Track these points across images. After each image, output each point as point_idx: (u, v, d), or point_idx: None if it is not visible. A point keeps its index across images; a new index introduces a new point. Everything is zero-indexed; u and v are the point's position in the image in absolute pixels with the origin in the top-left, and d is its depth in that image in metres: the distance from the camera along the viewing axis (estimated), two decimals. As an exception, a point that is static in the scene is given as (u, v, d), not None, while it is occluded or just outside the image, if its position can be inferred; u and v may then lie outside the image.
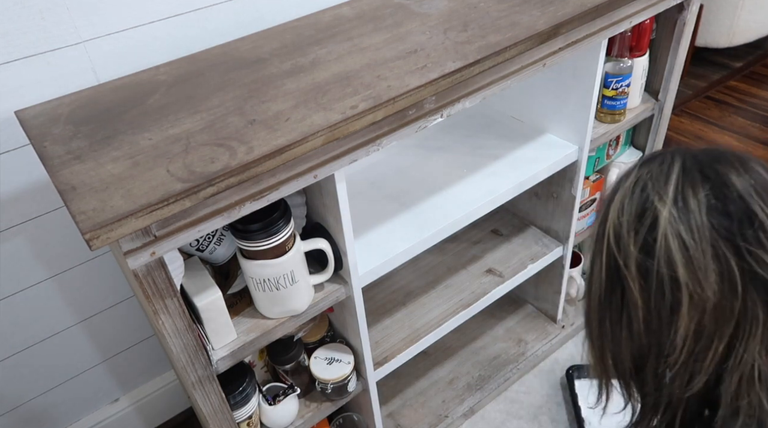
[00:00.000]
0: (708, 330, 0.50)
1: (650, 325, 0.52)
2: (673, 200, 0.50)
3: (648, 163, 0.56)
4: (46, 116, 0.85)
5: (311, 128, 0.75)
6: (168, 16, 1.06)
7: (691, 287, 0.49)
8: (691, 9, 1.23)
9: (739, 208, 0.49)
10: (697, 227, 0.49)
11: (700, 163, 0.52)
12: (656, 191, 0.52)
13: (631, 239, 0.52)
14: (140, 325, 1.36)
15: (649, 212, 0.51)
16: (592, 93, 1.15)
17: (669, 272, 0.50)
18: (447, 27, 0.97)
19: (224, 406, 0.92)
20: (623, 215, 0.54)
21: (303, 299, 0.94)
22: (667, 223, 0.50)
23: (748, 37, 2.57)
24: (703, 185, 0.50)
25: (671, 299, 0.50)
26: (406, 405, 1.44)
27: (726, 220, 0.49)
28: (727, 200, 0.49)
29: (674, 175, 0.52)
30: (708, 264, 0.48)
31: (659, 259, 0.50)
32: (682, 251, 0.49)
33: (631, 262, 0.52)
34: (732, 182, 0.50)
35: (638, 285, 0.52)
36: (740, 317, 0.49)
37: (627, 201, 0.54)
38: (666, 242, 0.50)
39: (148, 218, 0.66)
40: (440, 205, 1.12)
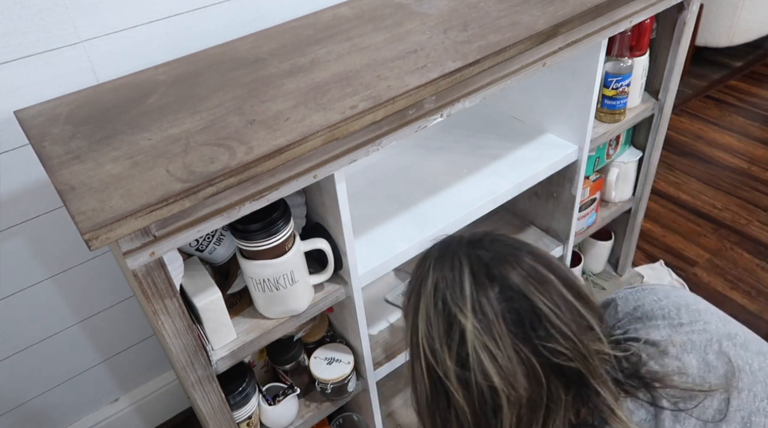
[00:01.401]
0: (526, 419, 0.57)
1: (479, 423, 0.58)
2: (473, 311, 0.57)
3: (439, 266, 0.62)
4: (45, 116, 0.85)
5: (311, 128, 0.75)
6: (167, 16, 1.06)
7: (506, 391, 0.56)
8: (691, 8, 1.23)
9: (525, 308, 0.56)
10: (500, 335, 0.56)
11: (485, 266, 0.59)
12: (456, 304, 0.58)
13: (445, 354, 0.58)
14: (140, 325, 1.36)
15: (456, 326, 0.57)
16: (592, 93, 1.15)
17: (486, 382, 0.56)
18: (447, 27, 0.97)
19: (224, 406, 0.92)
20: (432, 329, 0.59)
21: (303, 300, 0.94)
22: (474, 337, 0.56)
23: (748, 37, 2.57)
24: (492, 289, 0.57)
25: (492, 404, 0.57)
26: (406, 405, 1.44)
27: (519, 324, 0.56)
28: (514, 302, 0.56)
29: (467, 283, 0.58)
30: (516, 368, 0.55)
31: (475, 371, 0.56)
32: (492, 361, 0.56)
33: (451, 374, 0.58)
34: (513, 282, 0.57)
35: (461, 394, 0.58)
36: (548, 400, 0.57)
37: (432, 314, 0.60)
38: (477, 355, 0.56)
39: (147, 218, 0.66)
40: (440, 205, 1.12)
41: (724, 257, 1.82)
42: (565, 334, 0.56)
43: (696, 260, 1.83)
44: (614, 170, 1.47)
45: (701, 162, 2.21)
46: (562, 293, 0.58)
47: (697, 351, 0.61)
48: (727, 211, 1.99)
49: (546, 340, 0.56)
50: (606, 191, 1.51)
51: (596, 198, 1.45)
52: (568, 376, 0.57)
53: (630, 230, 1.64)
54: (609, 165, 1.47)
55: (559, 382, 0.56)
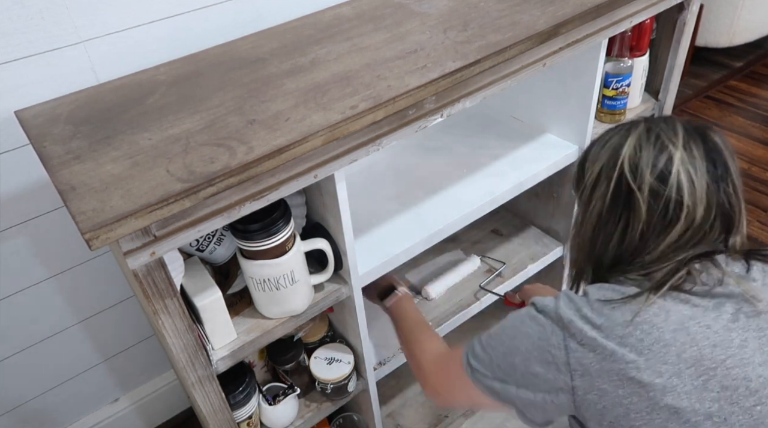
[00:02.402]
0: (688, 236, 0.72)
1: (644, 234, 0.73)
2: (683, 147, 0.72)
3: (652, 121, 0.76)
4: (45, 116, 0.85)
5: (311, 128, 0.75)
6: (168, 16, 1.06)
7: (689, 207, 0.71)
8: (691, 9, 1.23)
9: (721, 161, 0.73)
10: (699, 169, 0.71)
11: (693, 127, 0.75)
12: (669, 139, 0.73)
13: (648, 169, 0.72)
14: (140, 325, 1.36)
15: (666, 152, 0.72)
16: (593, 93, 1.15)
17: (677, 197, 0.71)
18: (447, 27, 0.97)
19: (224, 406, 0.92)
20: (641, 151, 0.74)
21: (303, 299, 0.94)
22: (680, 162, 0.71)
23: (749, 37, 2.57)
24: (701, 140, 0.73)
25: (672, 215, 0.72)
26: (406, 405, 1.44)
27: (714, 169, 0.72)
28: (714, 153, 0.73)
29: (680, 131, 0.74)
30: (702, 194, 0.71)
31: (671, 186, 0.71)
32: (690, 183, 0.71)
33: (645, 187, 0.72)
34: (716, 142, 0.74)
35: (647, 204, 0.72)
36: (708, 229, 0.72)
37: (644, 142, 0.74)
38: (678, 175, 0.71)
39: (147, 218, 0.66)
40: (440, 205, 1.12)
41: (724, 258, 1.82)
42: (737, 192, 0.73)
43: (696, 260, 1.82)
44: (614, 170, 1.47)
45: (701, 162, 2.20)
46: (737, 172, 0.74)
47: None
48: (727, 211, 1.98)
49: (727, 187, 0.72)
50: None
51: (596, 198, 1.45)
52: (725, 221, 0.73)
53: (630, 230, 1.64)
54: (609, 165, 1.47)
55: (719, 221, 0.72)
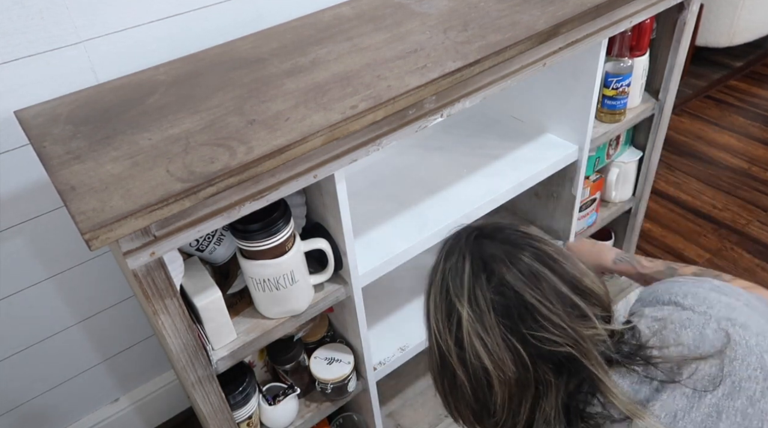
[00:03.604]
0: (517, 397, 0.65)
1: (477, 396, 0.67)
2: (468, 302, 0.65)
3: (448, 258, 0.70)
4: (45, 116, 0.85)
5: (311, 128, 0.75)
6: (168, 16, 1.06)
7: (496, 372, 0.64)
8: (691, 8, 1.23)
9: (516, 302, 0.63)
10: (490, 325, 0.63)
11: (483, 261, 0.66)
12: (455, 294, 0.66)
13: (447, 334, 0.67)
14: (140, 325, 1.36)
15: (454, 313, 0.66)
16: (593, 93, 1.15)
17: (479, 363, 0.64)
18: (447, 27, 0.97)
19: (224, 406, 0.92)
20: (438, 313, 0.69)
21: (303, 299, 0.94)
22: (468, 324, 0.64)
23: (749, 37, 2.57)
24: (488, 283, 0.65)
25: (485, 381, 0.65)
26: (406, 405, 1.44)
27: (508, 315, 0.63)
28: (506, 296, 0.64)
29: (465, 276, 0.66)
30: (504, 353, 0.63)
31: (469, 353, 0.65)
32: (483, 346, 0.64)
33: (452, 352, 0.67)
34: (506, 279, 0.64)
35: (461, 370, 0.66)
36: (536, 383, 0.64)
37: (438, 299, 0.69)
38: (471, 339, 0.64)
39: (147, 218, 0.66)
40: (440, 205, 1.12)
41: (724, 257, 1.82)
42: (555, 323, 0.63)
43: (696, 260, 1.83)
44: (614, 170, 1.47)
45: (701, 162, 2.21)
46: (557, 288, 0.64)
47: (694, 327, 0.65)
48: (727, 211, 1.99)
49: (535, 330, 0.63)
50: (606, 191, 1.51)
51: (596, 198, 1.45)
52: (559, 362, 0.63)
53: (630, 230, 1.64)
54: (609, 165, 1.47)
55: (548, 367, 0.63)
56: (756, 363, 0.62)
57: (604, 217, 1.51)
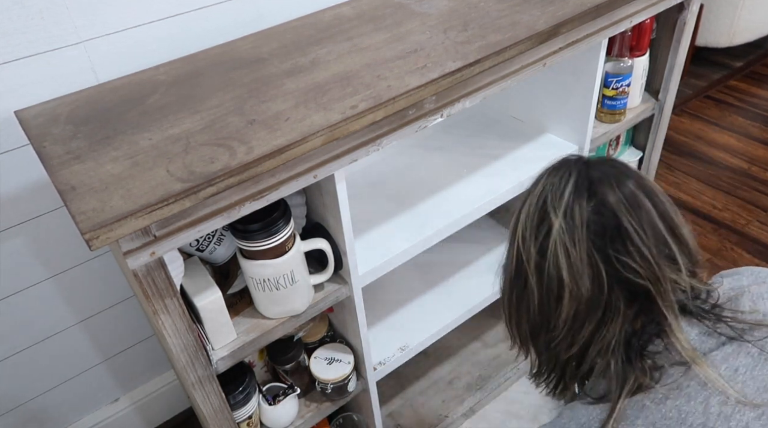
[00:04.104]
0: (581, 316, 0.65)
1: (542, 308, 0.67)
2: (563, 214, 0.65)
3: (552, 174, 0.70)
4: (45, 116, 0.85)
5: (311, 128, 0.75)
6: (168, 16, 1.06)
7: (570, 286, 0.64)
8: (691, 9, 1.23)
9: (611, 223, 0.63)
10: (579, 239, 0.63)
11: (588, 181, 0.66)
12: (552, 205, 0.66)
13: (531, 241, 0.67)
14: (140, 325, 1.36)
15: (546, 222, 0.66)
16: (593, 93, 1.15)
17: (556, 273, 0.64)
18: (447, 27, 0.97)
19: (224, 406, 0.92)
20: (528, 220, 0.68)
21: (303, 299, 0.94)
22: (557, 234, 0.64)
23: (749, 37, 2.57)
24: (588, 201, 0.64)
25: (557, 293, 0.65)
26: (406, 405, 1.44)
27: (600, 234, 0.63)
28: (603, 216, 0.64)
29: (567, 191, 0.66)
30: (584, 269, 0.63)
31: (549, 262, 0.65)
32: (566, 257, 0.64)
33: (531, 260, 0.67)
34: (608, 200, 0.64)
35: (535, 278, 0.67)
36: (606, 307, 0.64)
37: (533, 208, 0.68)
38: (555, 249, 0.64)
39: (147, 218, 0.66)
40: (440, 205, 1.12)
41: (724, 257, 1.82)
42: (642, 254, 0.62)
43: (696, 260, 1.82)
44: (614, 170, 1.47)
45: (701, 162, 2.21)
46: (653, 221, 0.64)
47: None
48: (727, 211, 1.98)
49: (621, 253, 0.62)
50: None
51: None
52: (634, 292, 0.63)
53: (630, 230, 1.64)
54: (609, 165, 1.47)
55: (622, 295, 0.63)
56: None
57: (604, 217, 1.51)
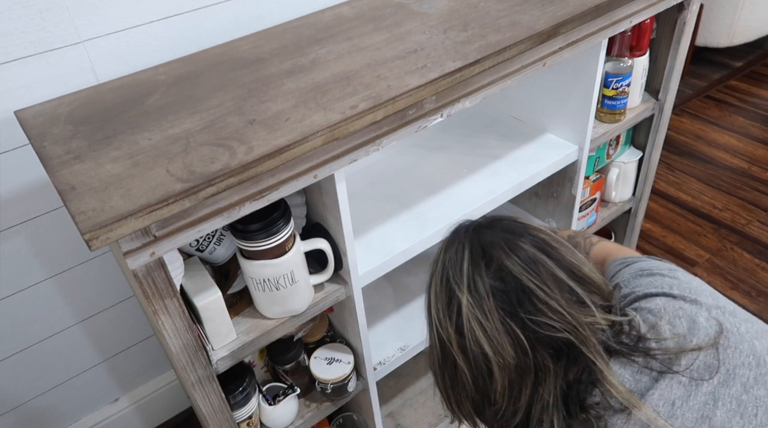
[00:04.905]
0: (516, 383, 0.65)
1: (477, 385, 0.67)
2: (468, 289, 0.66)
3: (448, 249, 0.71)
4: (45, 116, 0.85)
5: (311, 128, 0.75)
6: (168, 16, 1.06)
7: (495, 358, 0.64)
8: (691, 8, 1.23)
9: (514, 287, 0.64)
10: (489, 310, 0.64)
11: (482, 249, 0.67)
12: (455, 281, 0.67)
13: (447, 323, 0.67)
14: (140, 325, 1.36)
15: (454, 300, 0.67)
16: (593, 93, 1.15)
17: (479, 349, 0.65)
18: (447, 27, 0.97)
19: (224, 406, 0.92)
20: (438, 302, 0.69)
21: (303, 299, 0.94)
22: (467, 310, 0.65)
23: (749, 37, 2.57)
24: (487, 270, 0.66)
25: (486, 368, 0.65)
26: (406, 405, 1.44)
27: (507, 300, 0.64)
28: (505, 281, 0.65)
29: (465, 264, 0.67)
30: (503, 338, 0.63)
31: (469, 339, 0.65)
32: (482, 331, 0.64)
33: (453, 341, 0.67)
34: (505, 264, 0.65)
35: (462, 358, 0.67)
36: (536, 369, 0.64)
37: (438, 289, 0.70)
38: (470, 324, 0.65)
39: (147, 218, 0.66)
40: (440, 205, 1.12)
41: (724, 258, 1.82)
42: (552, 308, 0.63)
43: (696, 260, 1.83)
44: (614, 170, 1.47)
45: (701, 162, 2.21)
46: (553, 273, 0.65)
47: (686, 317, 0.66)
48: (727, 211, 1.98)
49: (533, 314, 0.63)
50: (606, 191, 1.51)
51: (596, 198, 1.45)
52: (558, 347, 0.63)
53: (630, 230, 1.64)
54: (609, 165, 1.47)
55: (547, 353, 0.64)
56: (748, 349, 0.64)
57: (604, 217, 1.51)
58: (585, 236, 1.00)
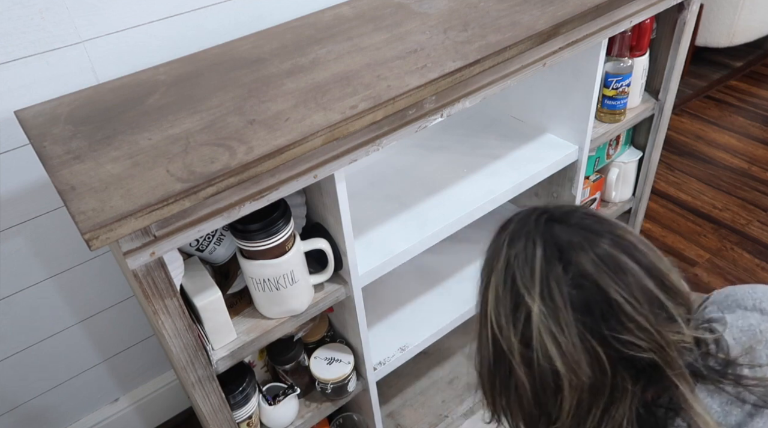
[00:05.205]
0: (587, 402, 0.57)
1: (538, 400, 0.59)
2: (540, 296, 0.56)
3: (513, 243, 0.61)
4: (45, 116, 0.85)
5: (311, 128, 0.75)
6: (168, 16, 1.06)
7: (568, 376, 0.56)
8: (691, 8, 1.23)
9: (598, 298, 0.55)
10: (566, 323, 0.55)
11: (558, 248, 0.57)
12: (524, 285, 0.58)
13: (510, 330, 0.58)
14: (140, 325, 1.36)
15: (522, 307, 0.57)
16: (593, 93, 1.15)
17: (548, 365, 0.56)
18: (447, 27, 0.97)
19: (224, 406, 0.92)
20: (500, 306, 0.60)
21: (303, 299, 0.94)
22: (539, 320, 0.56)
23: (749, 37, 2.57)
24: (563, 274, 0.56)
25: (553, 385, 0.57)
26: (406, 405, 1.44)
27: (588, 313, 0.55)
28: (585, 289, 0.55)
29: (537, 265, 0.57)
30: (580, 355, 0.55)
31: (538, 353, 0.56)
32: (556, 346, 0.55)
33: (515, 350, 0.58)
34: (586, 270, 0.56)
35: (524, 370, 0.58)
36: (612, 389, 0.56)
37: (501, 291, 0.60)
38: (541, 337, 0.56)
39: (147, 218, 0.66)
40: (440, 205, 1.12)
41: (724, 258, 1.82)
42: (640, 326, 0.54)
43: (696, 260, 1.83)
44: (614, 170, 1.47)
45: (701, 162, 2.21)
46: (642, 283, 0.56)
47: None
48: (727, 211, 1.98)
49: (618, 332, 0.54)
50: (606, 191, 1.51)
51: (596, 198, 1.45)
52: (640, 367, 0.56)
53: (630, 230, 1.64)
54: (609, 165, 1.47)
55: (627, 373, 0.56)
56: None
57: (604, 217, 1.51)
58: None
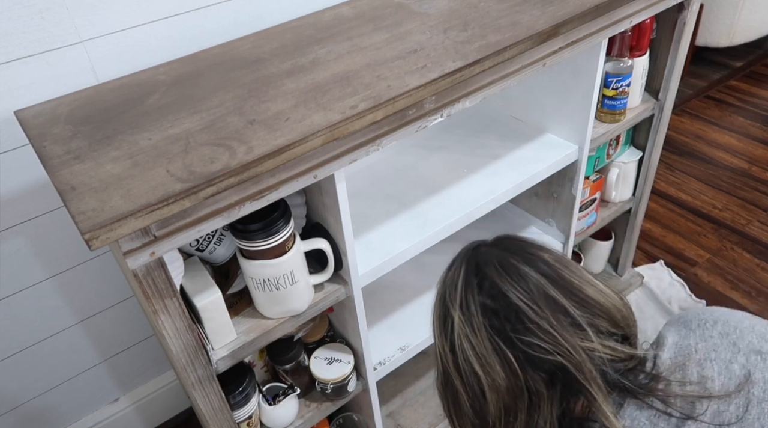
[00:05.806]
0: (510, 407, 0.62)
1: (474, 408, 0.65)
2: (460, 306, 0.65)
3: (448, 270, 0.71)
4: (45, 116, 0.85)
5: (311, 128, 0.75)
6: (168, 16, 1.06)
7: (486, 378, 0.62)
8: (692, 8, 1.23)
9: (503, 303, 0.62)
10: (478, 327, 0.62)
11: (476, 266, 0.66)
12: (450, 299, 0.66)
13: (443, 341, 0.66)
14: (140, 325, 1.36)
15: (448, 318, 0.66)
16: (593, 93, 1.15)
17: (470, 368, 0.63)
18: (447, 27, 0.97)
19: (224, 406, 0.92)
20: (437, 321, 0.68)
21: (303, 299, 0.94)
22: (459, 327, 0.64)
23: (749, 37, 2.57)
24: (479, 287, 0.64)
25: (479, 389, 0.63)
26: (406, 405, 1.44)
27: (496, 317, 0.62)
28: (495, 298, 0.63)
29: (460, 282, 0.66)
30: (492, 357, 0.61)
31: (460, 357, 0.64)
32: (471, 348, 0.63)
33: (449, 361, 0.66)
34: (495, 281, 0.64)
35: (458, 379, 0.65)
36: (529, 393, 0.61)
37: (436, 308, 0.69)
38: (461, 341, 0.64)
39: (147, 218, 0.66)
40: (440, 205, 1.12)
41: (724, 258, 1.82)
42: (542, 328, 0.60)
43: (696, 260, 1.83)
44: (614, 170, 1.47)
45: (701, 162, 2.21)
46: (545, 291, 0.62)
47: (720, 361, 0.62)
48: (727, 211, 1.99)
49: (521, 333, 0.61)
50: (606, 191, 1.51)
51: (596, 198, 1.45)
52: (552, 371, 0.60)
53: (630, 230, 1.64)
54: (609, 165, 1.47)
55: (539, 376, 0.61)
56: None
57: (604, 217, 1.51)
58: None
